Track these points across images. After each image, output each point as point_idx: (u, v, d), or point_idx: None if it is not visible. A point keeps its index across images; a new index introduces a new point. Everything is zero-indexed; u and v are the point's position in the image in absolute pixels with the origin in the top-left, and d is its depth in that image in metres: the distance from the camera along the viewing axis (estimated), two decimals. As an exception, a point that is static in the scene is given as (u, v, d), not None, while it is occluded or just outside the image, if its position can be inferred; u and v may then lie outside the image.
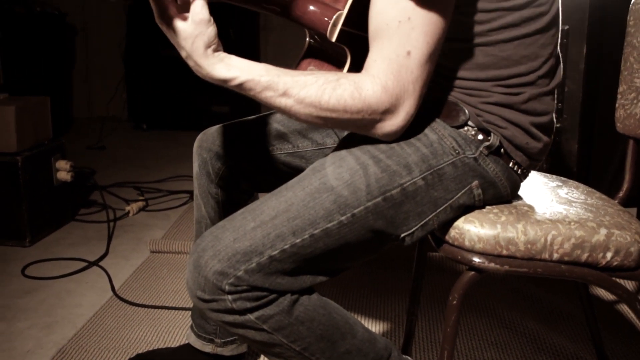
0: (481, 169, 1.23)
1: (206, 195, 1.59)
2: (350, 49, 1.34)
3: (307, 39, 1.48)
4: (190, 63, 1.14)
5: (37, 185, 2.75)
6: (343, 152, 1.22)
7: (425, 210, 1.21)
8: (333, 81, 1.13)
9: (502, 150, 1.25)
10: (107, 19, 5.10)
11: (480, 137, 1.23)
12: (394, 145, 1.21)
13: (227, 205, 1.57)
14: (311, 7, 1.39)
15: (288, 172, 1.54)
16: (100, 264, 2.52)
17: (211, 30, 1.14)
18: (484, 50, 1.22)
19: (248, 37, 4.81)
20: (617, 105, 1.69)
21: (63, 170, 2.87)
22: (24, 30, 4.44)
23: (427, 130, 1.24)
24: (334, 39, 1.36)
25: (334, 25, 1.36)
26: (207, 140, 1.57)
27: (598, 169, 3.09)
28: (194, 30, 1.12)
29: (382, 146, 1.21)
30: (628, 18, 1.68)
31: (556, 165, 2.97)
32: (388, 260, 2.51)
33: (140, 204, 3.15)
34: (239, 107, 4.61)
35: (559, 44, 1.33)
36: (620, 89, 1.68)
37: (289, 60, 1.44)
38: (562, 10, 1.31)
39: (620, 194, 1.67)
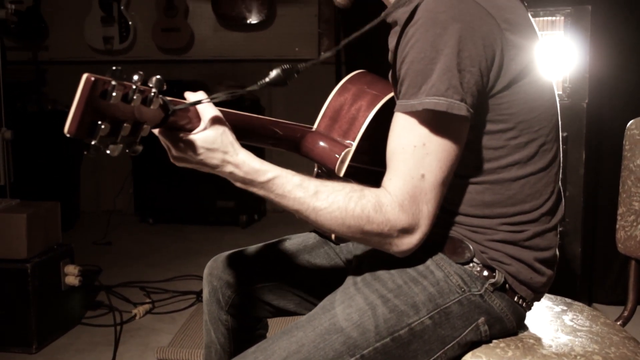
0: (487, 306, 1.26)
1: (216, 322, 1.61)
2: (357, 182, 1.39)
3: (315, 169, 1.54)
4: (224, 168, 1.17)
5: (45, 291, 2.78)
6: (352, 290, 1.26)
7: (433, 348, 1.23)
8: (358, 191, 1.17)
9: (507, 285, 1.28)
10: (116, 115, 5.23)
11: (485, 273, 1.27)
12: (401, 283, 1.24)
13: (237, 331, 1.59)
14: (320, 143, 1.45)
15: (297, 299, 1.57)
16: (107, 372, 2.52)
17: (228, 126, 1.18)
18: (490, 188, 1.26)
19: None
20: (617, 226, 1.73)
21: (71, 275, 2.90)
22: (36, 128, 4.56)
23: (433, 267, 1.27)
24: (341, 174, 1.41)
25: (342, 161, 1.42)
26: (218, 268, 1.60)
27: (601, 271, 3.11)
28: (216, 131, 1.17)
29: (390, 284, 1.24)
30: (624, 142, 1.73)
31: (560, 268, 3.00)
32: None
33: (147, 306, 3.16)
34: (244, 203, 4.68)
35: (560, 180, 1.38)
36: (620, 211, 1.72)
37: (293, 155, 1.49)
38: (560, 118, 1.36)
39: (625, 313, 1.70)
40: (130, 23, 4.93)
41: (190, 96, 1.23)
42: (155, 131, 1.19)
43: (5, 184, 3.87)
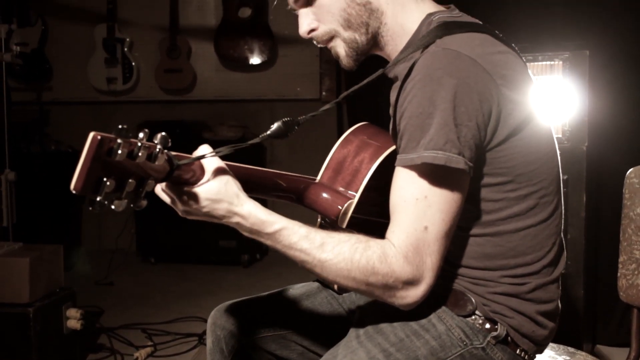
0: (489, 359, 1.27)
1: (220, 371, 1.61)
2: (360, 232, 1.40)
3: (319, 220, 1.55)
4: (230, 218, 1.19)
5: (47, 335, 2.77)
6: (354, 344, 1.26)
7: (436, 401, 1.23)
8: (363, 242, 1.18)
9: (509, 338, 1.29)
10: (119, 155, 5.26)
11: (487, 326, 1.27)
12: (403, 337, 1.25)
13: (240, 381, 1.59)
14: (323, 195, 1.47)
15: (300, 349, 1.58)
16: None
17: (232, 175, 1.20)
18: (491, 240, 1.28)
19: (256, 172, 4.93)
20: (618, 274, 1.74)
21: (73, 319, 2.89)
22: (39, 169, 4.59)
23: (435, 320, 1.28)
24: (344, 226, 1.43)
25: (345, 213, 1.43)
26: (222, 317, 1.60)
27: (604, 312, 3.10)
28: (220, 182, 1.19)
29: (392, 337, 1.25)
30: (623, 190, 1.75)
31: (564, 310, 2.99)
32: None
33: (149, 349, 3.15)
34: (246, 242, 4.67)
35: (562, 230, 1.39)
36: (621, 259, 1.73)
37: (297, 205, 1.50)
38: (560, 161, 1.38)
39: (629, 360, 1.70)
40: (133, 64, 4.98)
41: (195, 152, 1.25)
42: (159, 188, 1.20)
43: (7, 225, 3.89)
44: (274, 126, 1.26)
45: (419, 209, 1.18)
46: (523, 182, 1.26)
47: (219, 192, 1.19)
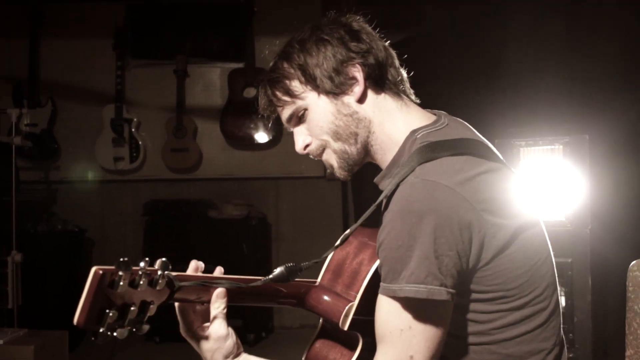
0: None
1: None
2: (362, 333, 1.41)
3: (321, 321, 1.55)
4: None
5: None
6: None
7: None
8: None
9: None
10: (125, 233, 5.28)
11: None
12: None
13: None
14: (325, 298, 1.47)
15: None
16: None
17: (229, 343, 1.23)
18: (488, 348, 1.28)
19: (261, 249, 4.95)
20: (626, 369, 1.72)
21: (76, 407, 2.86)
22: (45, 249, 4.61)
23: None
24: (345, 328, 1.43)
25: (346, 315, 1.43)
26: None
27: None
28: (213, 345, 1.25)
29: None
30: (627, 283, 1.75)
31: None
32: None
33: None
34: (252, 321, 4.65)
35: (562, 329, 1.39)
36: (628, 353, 1.72)
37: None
38: (564, 244, 1.39)
39: None
40: (140, 143, 5.06)
41: (194, 264, 1.29)
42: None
43: (13, 307, 3.88)
44: (277, 271, 1.30)
45: (404, 339, 1.21)
46: (515, 295, 1.27)
47: (208, 352, 1.28)
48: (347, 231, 1.38)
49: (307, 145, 1.43)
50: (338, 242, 1.38)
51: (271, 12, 4.99)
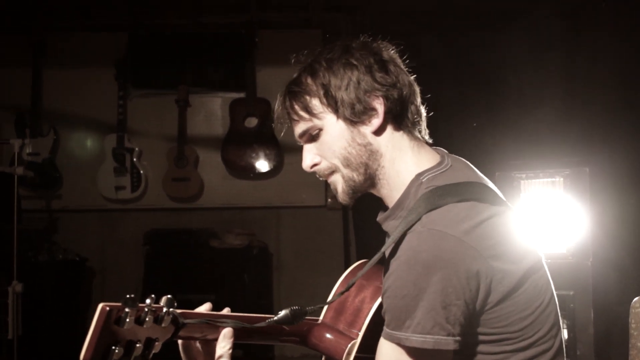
0: None
1: None
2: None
3: (323, 359, 1.56)
4: None
5: None
6: None
7: None
8: None
9: None
10: (126, 263, 5.26)
11: None
12: None
13: None
14: (327, 335, 1.48)
15: None
16: None
17: None
18: None
19: (262, 278, 4.93)
20: (630, 407, 1.71)
21: None
22: (46, 278, 4.61)
23: None
24: (348, 367, 1.43)
25: (349, 354, 1.44)
26: None
27: None
28: None
29: None
30: (629, 319, 1.75)
31: None
32: None
33: None
34: (253, 351, 4.62)
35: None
36: (631, 390, 1.71)
37: (301, 299, 1.51)
38: (566, 276, 1.39)
39: None
40: (142, 172, 5.06)
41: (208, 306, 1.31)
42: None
43: (13, 338, 3.87)
44: (282, 313, 1.28)
45: None
46: (519, 337, 1.27)
47: None
48: (354, 279, 1.37)
49: (314, 165, 1.43)
50: (344, 288, 1.37)
51: (272, 43, 5.03)
